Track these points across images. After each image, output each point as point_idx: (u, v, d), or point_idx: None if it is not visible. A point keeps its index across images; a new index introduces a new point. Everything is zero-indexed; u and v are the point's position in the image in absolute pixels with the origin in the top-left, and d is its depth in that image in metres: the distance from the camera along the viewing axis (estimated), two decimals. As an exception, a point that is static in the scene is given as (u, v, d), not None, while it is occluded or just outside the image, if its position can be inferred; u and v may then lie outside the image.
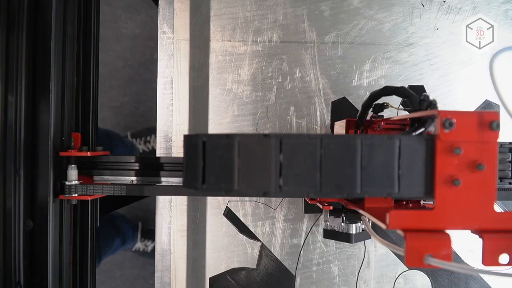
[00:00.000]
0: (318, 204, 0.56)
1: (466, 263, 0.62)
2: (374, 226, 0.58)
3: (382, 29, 0.65)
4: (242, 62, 0.65)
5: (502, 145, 0.52)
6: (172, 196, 0.64)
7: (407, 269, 0.64)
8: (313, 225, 0.65)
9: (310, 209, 0.64)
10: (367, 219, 0.49)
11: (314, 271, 0.65)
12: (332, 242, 0.65)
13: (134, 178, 0.56)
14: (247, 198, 0.65)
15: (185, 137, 0.35)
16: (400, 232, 0.31)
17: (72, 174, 0.54)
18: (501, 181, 0.52)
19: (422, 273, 0.64)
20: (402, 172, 0.31)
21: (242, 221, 0.65)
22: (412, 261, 0.30)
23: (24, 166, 0.52)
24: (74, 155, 0.55)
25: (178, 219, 0.64)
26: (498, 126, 0.30)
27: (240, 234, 0.65)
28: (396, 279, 0.65)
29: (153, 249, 0.87)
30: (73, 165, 0.54)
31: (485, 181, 0.31)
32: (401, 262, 0.64)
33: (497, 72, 0.64)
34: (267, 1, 0.65)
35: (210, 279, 0.65)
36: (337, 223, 0.56)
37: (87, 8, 0.62)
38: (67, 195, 0.53)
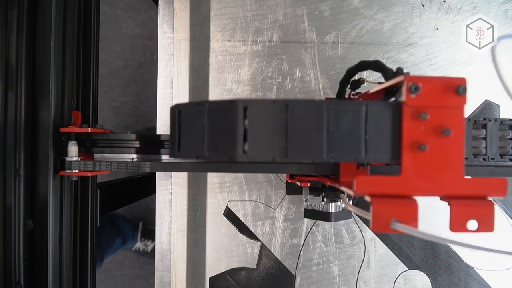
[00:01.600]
0: (297, 182, 0.56)
1: (433, 233, 0.63)
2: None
3: (382, 29, 0.65)
4: (242, 62, 0.65)
5: (502, 121, 0.52)
6: (172, 196, 0.64)
7: (407, 269, 0.64)
8: (313, 225, 0.65)
9: (292, 190, 0.64)
10: (346, 196, 0.49)
11: (314, 271, 0.65)
12: (332, 242, 0.65)
13: (134, 155, 0.56)
14: (247, 198, 0.65)
15: (170, 109, 0.36)
16: (367, 198, 0.31)
17: (72, 150, 0.54)
18: (501, 157, 0.52)
19: (422, 273, 0.64)
20: (369, 137, 0.31)
21: (242, 221, 0.65)
22: (378, 226, 0.30)
23: (24, 165, 0.52)
24: (74, 131, 0.54)
25: (178, 219, 0.64)
26: (464, 90, 0.30)
27: (240, 234, 0.65)
28: (396, 279, 0.65)
29: (153, 249, 0.87)
30: (73, 141, 0.54)
31: (452, 146, 0.31)
32: (401, 262, 0.64)
33: (499, 56, 0.64)
34: (267, 1, 0.65)
35: (210, 279, 0.65)
36: (317, 202, 0.56)
37: (87, 8, 0.62)
38: (67, 171, 0.53)
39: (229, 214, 0.65)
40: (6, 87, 0.51)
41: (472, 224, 0.30)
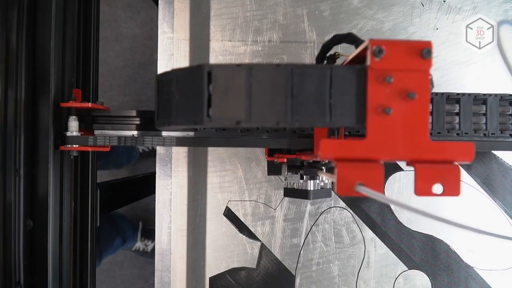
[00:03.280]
0: (275, 160, 0.56)
1: (396, 199, 0.62)
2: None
3: (382, 29, 0.65)
4: (242, 62, 0.65)
5: (502, 97, 0.51)
6: (172, 196, 0.64)
7: (407, 268, 0.64)
8: (313, 225, 0.65)
9: (272, 170, 0.64)
10: (323, 171, 0.50)
11: (314, 271, 0.65)
12: (332, 242, 0.65)
13: (135, 132, 0.56)
14: (247, 198, 0.65)
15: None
16: (333, 162, 0.31)
17: (73, 126, 0.54)
18: (502, 132, 0.51)
19: (422, 273, 0.64)
20: (333, 101, 0.31)
21: (242, 221, 0.65)
22: (343, 190, 0.30)
23: (24, 164, 0.52)
24: (75, 106, 0.54)
25: (178, 219, 0.64)
26: (429, 53, 0.30)
27: (240, 234, 0.65)
28: (396, 279, 0.65)
29: (153, 249, 0.87)
30: (73, 116, 0.54)
31: (417, 110, 0.31)
32: (401, 262, 0.64)
33: (504, 36, 0.63)
34: (267, 1, 0.65)
35: (210, 279, 0.65)
36: (296, 180, 0.55)
37: (87, 8, 0.62)
38: (68, 146, 0.53)
39: (229, 214, 0.65)
40: (6, 87, 0.51)
41: (437, 188, 0.30)
